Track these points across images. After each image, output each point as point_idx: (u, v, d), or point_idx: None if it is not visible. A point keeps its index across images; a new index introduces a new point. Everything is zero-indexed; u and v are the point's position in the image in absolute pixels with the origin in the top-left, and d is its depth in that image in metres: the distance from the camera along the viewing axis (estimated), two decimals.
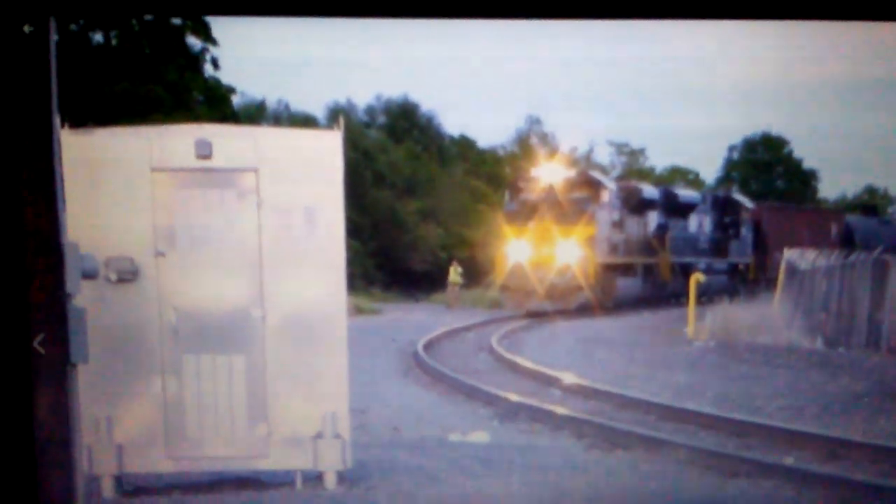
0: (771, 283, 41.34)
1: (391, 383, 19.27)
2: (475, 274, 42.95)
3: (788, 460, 12.81)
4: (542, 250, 37.39)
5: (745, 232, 46.10)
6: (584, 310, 36.07)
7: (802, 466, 12.38)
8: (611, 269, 38.97)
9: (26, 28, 3.12)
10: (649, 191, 42.58)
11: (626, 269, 40.18)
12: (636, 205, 40.85)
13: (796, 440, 13.79)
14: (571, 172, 40.67)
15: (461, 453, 12.68)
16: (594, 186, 39.73)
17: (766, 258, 45.71)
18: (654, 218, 41.82)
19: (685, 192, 46.06)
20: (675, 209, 42.86)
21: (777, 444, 13.75)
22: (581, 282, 36.74)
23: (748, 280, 44.69)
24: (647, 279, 41.37)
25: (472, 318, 33.96)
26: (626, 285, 39.81)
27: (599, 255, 38.19)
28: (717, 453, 13.03)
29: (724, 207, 45.76)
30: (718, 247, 44.87)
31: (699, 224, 44.35)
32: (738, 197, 48.62)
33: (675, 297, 40.50)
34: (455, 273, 41.72)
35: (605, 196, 39.53)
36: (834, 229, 47.27)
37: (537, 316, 34.91)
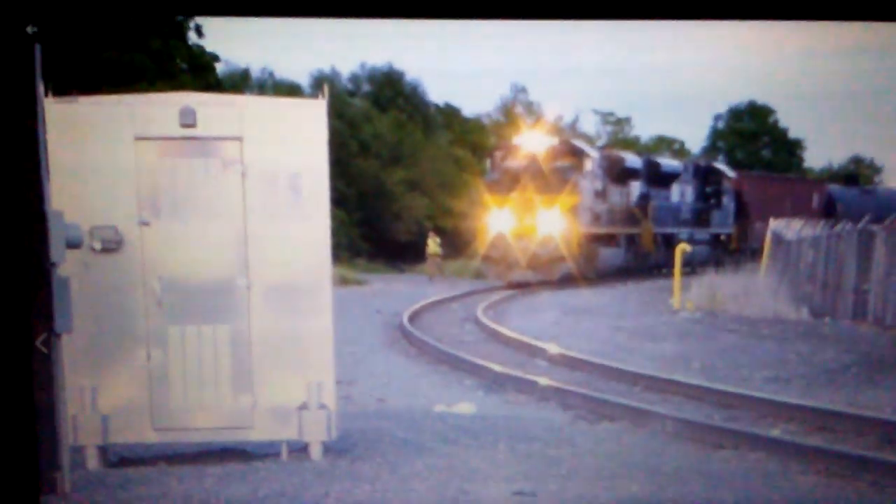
0: (753, 254, 41.34)
1: (377, 354, 19.35)
2: (460, 244, 42.90)
3: (774, 432, 12.90)
4: (524, 220, 37.03)
5: (727, 201, 45.81)
6: (568, 280, 35.90)
7: (788, 438, 12.44)
8: (594, 240, 38.72)
9: (29, 29, 3.06)
10: (632, 159, 42.29)
11: (608, 240, 39.91)
12: (619, 174, 40.51)
13: (783, 411, 13.88)
14: (554, 141, 40.09)
15: (447, 424, 12.68)
16: (577, 155, 39.25)
17: (748, 228, 45.57)
18: (636, 187, 41.52)
19: (667, 161, 45.74)
20: (658, 178, 42.59)
21: (763, 416, 13.86)
22: (564, 252, 36.44)
23: (730, 250, 44.50)
24: (630, 249, 41.14)
25: (456, 288, 34.09)
26: (609, 256, 39.61)
27: (582, 225, 37.91)
28: (703, 425, 13.07)
29: (705, 177, 45.47)
30: (700, 217, 44.64)
31: (681, 194, 44.08)
32: (720, 166, 48.32)
33: (658, 268, 40.49)
34: (434, 244, 41.52)
35: (588, 165, 39.13)
36: (816, 199, 47.13)
37: (520, 287, 34.73)
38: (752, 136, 62.16)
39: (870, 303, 22.95)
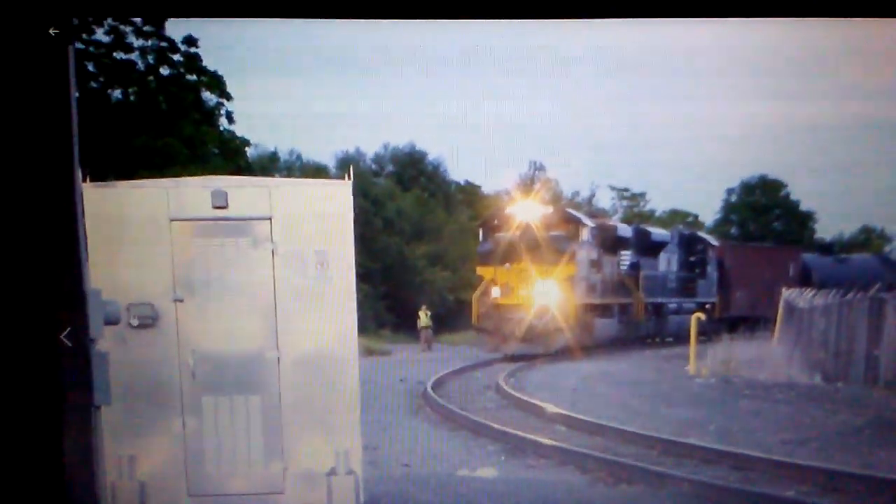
0: (734, 323, 40.70)
1: (402, 421, 19.49)
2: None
3: (789, 493, 13.09)
4: (519, 291, 36.11)
5: (711, 270, 44.61)
6: (567, 352, 34.94)
7: (803, 499, 12.67)
8: (589, 310, 37.72)
9: (52, 31, 3.45)
10: (623, 229, 41.34)
11: (603, 310, 38.92)
12: (611, 243, 39.60)
13: (797, 473, 14.04)
14: (548, 209, 38.85)
15: (470, 488, 12.90)
16: (573, 224, 38.14)
17: (731, 297, 44.63)
18: (627, 257, 40.60)
19: (656, 231, 44.03)
20: (647, 248, 41.71)
21: (778, 478, 14.01)
22: (561, 323, 35.53)
23: (713, 319, 43.10)
24: (622, 320, 40.13)
25: (476, 357, 33.71)
26: (604, 326, 38.64)
27: (578, 296, 36.97)
28: (720, 486, 13.26)
29: (690, 246, 44.45)
30: (687, 286, 43.69)
31: (668, 263, 43.06)
32: (704, 235, 46.96)
33: (649, 338, 39.85)
34: (425, 317, 40.74)
35: (584, 234, 38.15)
36: (792, 268, 46.31)
37: (515, 360, 33.68)
38: (763, 209, 62.00)
39: (881, 368, 23.07)
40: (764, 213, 62.25)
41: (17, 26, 3.42)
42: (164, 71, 29.80)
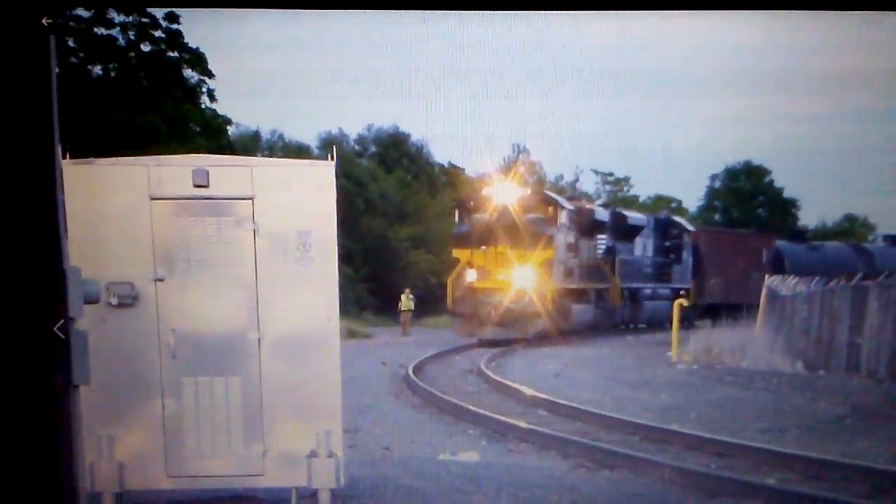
0: (708, 310, 40.55)
1: (383, 404, 19.52)
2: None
3: (770, 480, 13.09)
4: (495, 274, 35.60)
5: (686, 256, 44.20)
6: (544, 336, 34.74)
7: (783, 486, 12.65)
8: (566, 295, 37.27)
9: (45, 21, 3.39)
10: (600, 213, 40.99)
11: (580, 295, 38.46)
12: (589, 227, 39.19)
13: (778, 460, 14.08)
14: (526, 191, 38.48)
15: (451, 472, 12.89)
16: (550, 206, 37.58)
17: (705, 283, 44.33)
18: (603, 241, 40.20)
19: (633, 214, 43.77)
20: (624, 232, 41.26)
21: (759, 465, 14.05)
22: (539, 308, 35.15)
23: (688, 306, 42.59)
24: (599, 305, 39.78)
25: (459, 341, 33.72)
26: (581, 311, 38.24)
27: (556, 280, 36.42)
28: (701, 473, 13.27)
29: (666, 230, 43.99)
30: (662, 271, 43.36)
31: (644, 247, 42.65)
32: (680, 220, 46.41)
33: (625, 324, 39.64)
34: (407, 300, 40.49)
35: (562, 217, 37.52)
36: (765, 254, 46.08)
37: (496, 344, 33.35)
38: (748, 195, 62.18)
39: (863, 356, 23.17)
40: (748, 200, 62.46)
41: None
42: (146, 47, 29.66)
